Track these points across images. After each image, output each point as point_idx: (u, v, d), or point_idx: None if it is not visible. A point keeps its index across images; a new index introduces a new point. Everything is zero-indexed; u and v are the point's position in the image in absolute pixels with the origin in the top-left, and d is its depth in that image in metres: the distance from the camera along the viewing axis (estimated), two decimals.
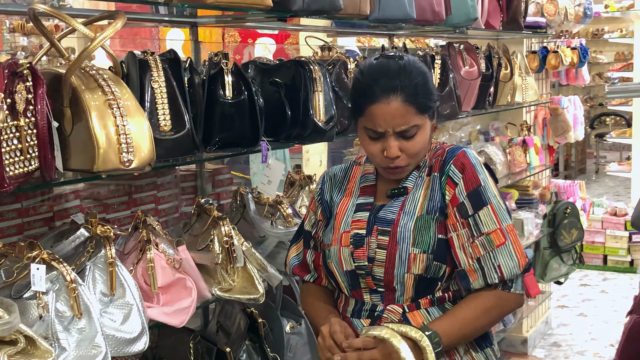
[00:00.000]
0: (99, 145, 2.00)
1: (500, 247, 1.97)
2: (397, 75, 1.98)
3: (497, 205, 2.00)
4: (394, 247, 2.00)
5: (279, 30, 5.39)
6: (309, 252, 2.26)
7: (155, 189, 2.82)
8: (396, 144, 1.99)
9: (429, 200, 2.03)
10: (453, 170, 2.02)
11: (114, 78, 2.13)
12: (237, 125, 2.55)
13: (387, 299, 2.04)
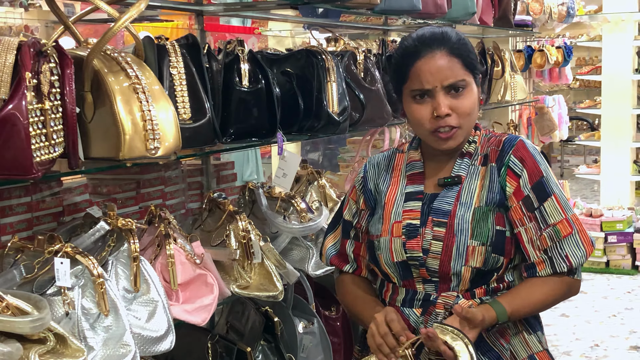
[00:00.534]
0: (125, 132, 1.89)
1: (567, 237, 1.93)
2: (439, 33, 1.96)
3: (560, 195, 1.97)
4: (451, 239, 1.93)
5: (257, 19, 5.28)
6: (348, 242, 2.17)
7: (162, 183, 2.70)
8: (446, 101, 1.91)
9: (487, 191, 1.96)
10: (514, 161, 1.96)
11: (137, 61, 2.02)
12: (254, 115, 2.45)
13: (442, 288, 1.97)
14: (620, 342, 5.52)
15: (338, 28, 4.06)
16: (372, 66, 3.06)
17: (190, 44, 2.28)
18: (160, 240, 2.24)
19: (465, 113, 1.93)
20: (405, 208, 2.01)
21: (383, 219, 2.04)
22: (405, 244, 1.97)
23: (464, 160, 2.01)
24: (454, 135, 1.95)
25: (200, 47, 2.27)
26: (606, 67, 9.74)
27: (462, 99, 1.93)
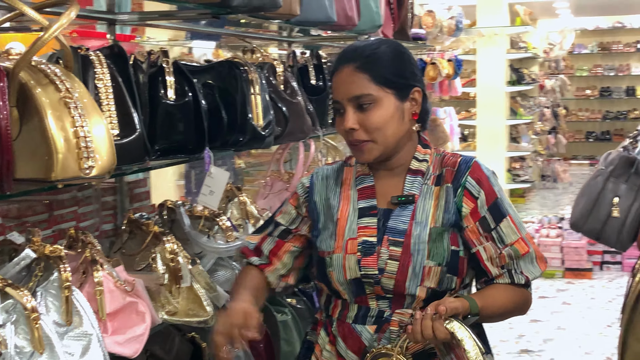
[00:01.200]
0: (58, 150, 1.71)
1: (524, 255, 1.96)
2: (356, 48, 1.98)
3: (514, 216, 1.99)
4: (408, 259, 1.91)
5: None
6: (268, 239, 2.12)
7: (76, 204, 2.51)
8: (354, 115, 1.92)
9: (443, 211, 1.95)
10: (471, 182, 1.96)
11: (66, 73, 1.84)
12: (180, 129, 2.32)
13: (396, 305, 1.94)
14: (511, 346, 5.64)
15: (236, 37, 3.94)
16: (291, 78, 2.97)
17: (116, 54, 2.12)
18: (85, 267, 2.07)
19: (373, 127, 1.92)
20: (360, 224, 1.97)
21: (336, 236, 1.99)
22: (360, 261, 1.93)
23: (416, 178, 1.99)
24: (366, 148, 1.94)
25: (127, 57, 2.12)
26: (480, 79, 10.06)
27: (369, 113, 1.92)
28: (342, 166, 2.10)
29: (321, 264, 2.01)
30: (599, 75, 16.70)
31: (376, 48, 1.96)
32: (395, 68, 1.96)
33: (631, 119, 16.34)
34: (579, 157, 16.38)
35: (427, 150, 2.03)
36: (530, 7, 11.43)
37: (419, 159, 2.01)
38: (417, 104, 1.98)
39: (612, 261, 7.68)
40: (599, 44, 16.77)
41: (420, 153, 2.02)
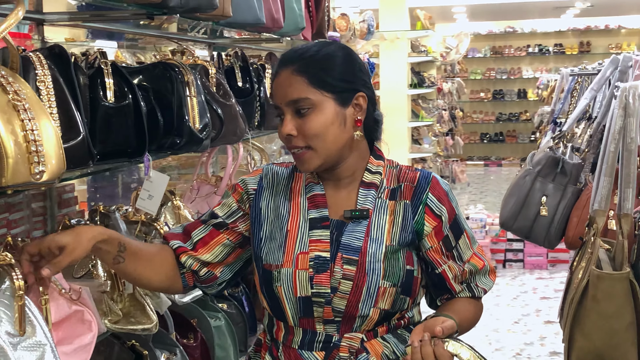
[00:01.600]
0: (8, 155, 1.65)
1: (482, 269, 1.98)
2: (296, 51, 1.88)
3: (469, 231, 1.98)
4: (362, 280, 1.82)
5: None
6: (201, 226, 1.98)
7: (7, 210, 2.41)
8: (291, 121, 1.83)
9: (400, 229, 1.87)
10: (433, 201, 1.89)
11: (12, 74, 1.77)
12: (120, 132, 2.26)
13: (344, 329, 1.86)
14: None
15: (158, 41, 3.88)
16: (224, 80, 2.94)
17: (56, 54, 2.05)
18: (27, 276, 1.99)
19: (311, 134, 1.81)
20: (312, 237, 1.87)
21: (285, 248, 1.87)
22: (313, 278, 1.83)
23: (369, 191, 1.89)
24: (305, 157, 1.84)
25: (69, 58, 2.05)
26: (384, 82, 10.21)
27: (306, 118, 1.82)
28: (292, 171, 1.99)
29: (267, 277, 1.88)
30: (492, 78, 17.25)
31: (317, 50, 1.86)
32: (336, 71, 1.84)
33: (523, 120, 16.95)
34: (474, 158, 16.87)
35: (380, 162, 1.94)
36: (429, 11, 11.68)
37: (372, 171, 1.91)
38: (361, 110, 1.87)
39: (514, 259, 7.93)
40: (492, 48, 17.32)
41: (373, 165, 1.92)
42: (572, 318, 1.96)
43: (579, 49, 16.77)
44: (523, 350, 5.59)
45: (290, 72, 1.83)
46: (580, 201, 2.79)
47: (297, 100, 1.81)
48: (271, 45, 4.78)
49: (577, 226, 2.75)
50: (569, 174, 2.84)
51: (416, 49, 11.12)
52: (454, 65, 14.95)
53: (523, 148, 16.86)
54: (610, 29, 16.64)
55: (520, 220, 2.87)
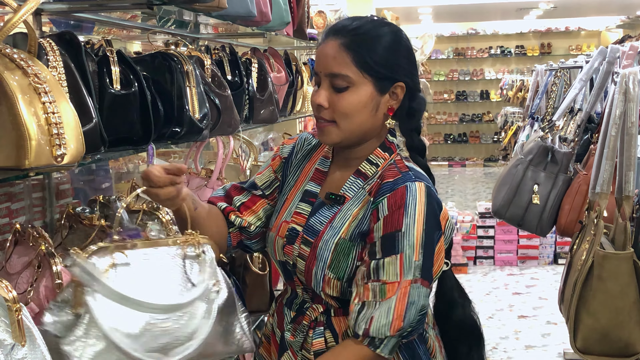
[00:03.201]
0: (31, 137, 1.66)
1: (386, 300, 1.73)
2: (348, 25, 1.85)
3: (407, 259, 1.74)
4: (312, 263, 1.86)
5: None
6: (244, 192, 2.06)
7: (9, 200, 2.41)
8: (326, 92, 1.83)
9: (358, 223, 1.82)
10: (383, 204, 1.78)
11: (32, 58, 1.78)
12: (127, 120, 2.26)
13: (316, 299, 1.92)
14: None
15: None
16: (218, 72, 2.96)
17: (68, 40, 2.05)
18: (40, 261, 2.00)
19: (341, 111, 1.81)
20: (297, 209, 1.95)
21: (279, 214, 1.99)
22: (284, 247, 1.93)
23: (357, 180, 1.88)
24: (326, 130, 1.85)
25: (80, 45, 2.06)
26: None
27: (341, 95, 1.81)
28: (319, 143, 2.04)
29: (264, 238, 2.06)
30: (455, 79, 17.41)
31: (370, 29, 1.83)
32: (382, 56, 1.81)
33: (486, 121, 17.13)
34: (438, 159, 17.00)
35: (385, 155, 1.88)
36: (395, 12, 11.77)
37: (371, 162, 1.88)
38: (396, 100, 1.85)
39: (484, 256, 8.02)
40: (455, 49, 17.49)
41: (374, 156, 1.89)
42: (578, 298, 2.01)
43: (540, 50, 17.01)
44: (499, 344, 5.67)
45: (338, 44, 1.81)
46: (572, 189, 2.85)
47: (337, 75, 1.80)
48: (251, 41, 4.81)
49: (569, 213, 2.82)
50: (560, 162, 2.91)
51: None
52: (418, 66, 15.09)
53: (486, 148, 17.05)
54: (571, 30, 16.92)
55: (513, 208, 2.93)
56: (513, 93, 10.40)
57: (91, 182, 3.49)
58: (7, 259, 2.07)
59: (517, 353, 5.49)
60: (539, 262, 7.93)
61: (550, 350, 5.47)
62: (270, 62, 4.07)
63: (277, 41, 5.09)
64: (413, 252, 1.74)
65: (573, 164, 3.03)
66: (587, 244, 2.10)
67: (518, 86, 10.07)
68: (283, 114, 4.31)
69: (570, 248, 2.29)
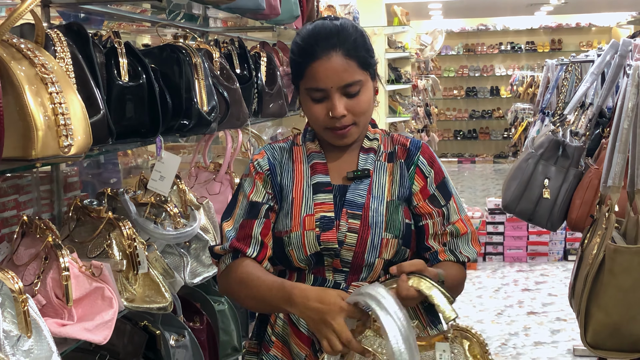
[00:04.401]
0: (37, 127, 1.65)
1: (463, 235, 2.03)
2: (336, 33, 1.91)
3: (457, 197, 2.06)
4: (366, 232, 1.94)
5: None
6: (257, 222, 1.98)
7: (17, 192, 2.40)
8: (341, 102, 1.90)
9: (398, 185, 2.00)
10: (423, 162, 2.02)
11: (39, 48, 1.77)
12: (134, 112, 2.26)
13: (351, 278, 1.97)
14: None
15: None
16: (227, 65, 2.94)
17: (75, 32, 2.04)
18: (47, 253, 1.99)
19: (361, 112, 1.94)
20: (317, 200, 1.97)
21: (292, 214, 1.97)
22: (320, 236, 1.93)
23: (369, 155, 2.02)
24: (349, 132, 1.96)
25: (88, 36, 2.05)
26: None
27: (357, 99, 1.92)
28: (291, 146, 2.07)
29: (279, 244, 1.98)
30: (465, 75, 17.35)
31: (350, 28, 1.94)
32: (367, 49, 1.96)
33: (496, 117, 17.07)
34: (448, 155, 16.96)
35: (377, 130, 2.07)
36: (405, 7, 11.73)
37: (370, 138, 2.04)
38: (377, 80, 2.03)
39: (494, 252, 7.99)
40: (465, 45, 17.42)
41: (370, 132, 2.04)
42: (589, 293, 1.99)
43: (550, 46, 16.93)
44: (508, 341, 5.64)
45: (343, 56, 1.89)
46: (583, 183, 2.83)
47: (352, 83, 1.90)
48: (260, 35, 4.79)
49: (580, 208, 2.80)
50: (571, 156, 2.89)
51: (393, 44, 11.16)
52: (428, 62, 15.04)
53: (496, 145, 17.00)
54: (582, 26, 16.84)
55: (523, 202, 2.90)
56: (523, 89, 10.36)
57: (99, 176, 3.48)
58: (14, 250, 2.07)
59: (526, 349, 5.46)
60: (549, 258, 7.89)
61: (560, 347, 5.44)
62: (279, 56, 4.05)
63: (286, 35, 5.06)
64: (456, 193, 2.06)
65: (584, 158, 3.01)
66: (599, 237, 2.07)
67: (528, 82, 10.02)
68: (292, 108, 4.29)
69: (582, 242, 2.26)
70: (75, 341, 1.95)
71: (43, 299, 1.96)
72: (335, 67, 1.88)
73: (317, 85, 1.90)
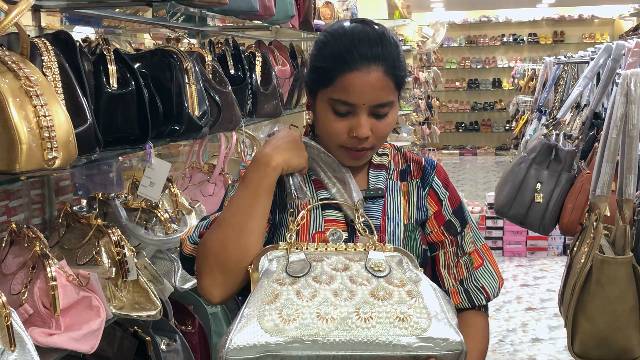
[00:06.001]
0: (22, 140, 1.65)
1: (479, 268, 1.85)
2: (380, 42, 1.68)
3: (473, 224, 1.90)
4: None
5: None
6: None
7: (7, 198, 2.40)
8: (368, 122, 1.69)
9: (415, 207, 1.82)
10: (437, 183, 1.85)
11: (23, 60, 1.77)
12: (123, 119, 2.25)
13: None
14: None
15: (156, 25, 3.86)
16: (219, 68, 2.94)
17: (63, 40, 2.04)
18: (35, 262, 1.99)
19: (383, 136, 1.75)
20: (327, 217, 1.77)
21: (299, 230, 1.76)
22: None
23: (380, 172, 1.84)
24: (365, 155, 1.77)
25: (75, 44, 2.04)
26: None
27: (384, 121, 1.72)
28: None
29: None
30: (467, 67, 17.32)
31: (394, 43, 1.71)
32: (404, 67, 1.75)
33: (497, 109, 17.05)
34: (449, 147, 16.95)
35: (385, 144, 1.88)
36: (406, 0, 11.69)
37: (379, 153, 1.86)
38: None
39: (493, 247, 7.99)
40: (467, 37, 17.38)
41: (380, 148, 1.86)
42: (576, 302, 1.99)
43: (552, 38, 16.89)
44: (506, 337, 5.65)
45: (383, 73, 1.68)
46: (575, 188, 2.82)
47: (385, 104, 1.71)
48: (257, 33, 4.78)
49: (572, 212, 2.79)
50: (563, 160, 2.88)
51: None
52: (429, 54, 15.01)
53: (498, 137, 16.98)
54: (584, 18, 16.78)
55: (516, 207, 2.90)
56: (524, 82, 10.33)
57: (93, 176, 3.49)
58: (2, 259, 2.07)
59: (524, 346, 5.47)
60: (548, 253, 7.90)
61: (558, 344, 5.45)
62: (275, 55, 4.05)
63: (283, 33, 5.05)
64: (472, 220, 1.88)
65: (577, 162, 3.00)
66: (587, 246, 2.07)
67: (529, 75, 10.00)
68: (288, 107, 4.28)
69: (571, 250, 2.26)
70: (64, 350, 1.95)
71: (30, 308, 1.96)
72: (373, 84, 1.67)
73: (347, 99, 1.68)
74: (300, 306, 1.51)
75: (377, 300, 1.53)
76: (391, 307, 1.53)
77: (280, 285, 1.55)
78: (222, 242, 1.69)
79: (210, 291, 1.71)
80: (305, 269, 1.58)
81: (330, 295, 1.54)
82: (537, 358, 5.28)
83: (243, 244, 1.68)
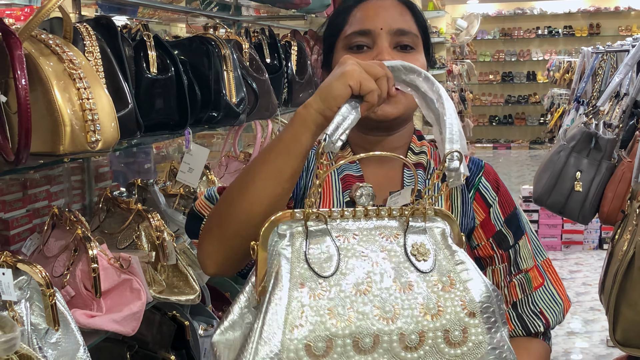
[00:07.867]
0: (65, 122, 1.67)
1: (538, 288, 1.55)
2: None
3: (532, 235, 1.60)
4: None
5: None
6: None
7: (48, 183, 2.43)
8: (389, 51, 1.47)
9: (461, 214, 1.55)
10: (486, 186, 1.57)
11: (67, 44, 1.78)
12: (163, 105, 2.27)
13: None
14: None
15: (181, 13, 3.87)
16: (256, 55, 2.95)
17: (104, 25, 2.06)
18: (77, 245, 2.01)
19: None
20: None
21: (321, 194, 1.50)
22: None
23: (417, 171, 1.51)
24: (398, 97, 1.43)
25: (117, 30, 2.06)
26: None
27: (413, 56, 1.48)
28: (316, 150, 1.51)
29: None
30: (501, 60, 17.17)
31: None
32: (423, 15, 1.56)
33: (532, 103, 16.89)
34: (483, 141, 16.82)
35: (424, 142, 1.62)
36: None
37: (415, 152, 1.60)
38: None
39: None
40: (501, 29, 17.23)
41: (416, 145, 1.60)
42: (618, 290, 1.96)
43: (588, 31, 16.68)
44: None
45: (399, 1, 1.52)
46: (615, 176, 2.79)
47: (406, 32, 1.48)
48: (292, 23, 4.79)
49: (613, 201, 2.76)
50: (604, 149, 2.85)
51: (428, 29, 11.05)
52: (463, 47, 14.91)
53: (532, 130, 16.82)
54: (620, 10, 16.55)
55: (555, 195, 2.87)
56: (560, 75, 10.23)
57: (131, 164, 3.51)
58: (44, 242, 2.10)
59: (559, 339, 5.42)
60: (584, 247, 7.82)
61: (594, 337, 5.40)
62: (310, 44, 4.04)
63: (318, 23, 5.05)
64: (530, 229, 1.60)
65: (617, 151, 2.97)
66: (629, 234, 2.05)
67: (565, 67, 9.89)
68: None
69: (612, 237, 2.24)
70: (104, 332, 1.97)
71: (72, 290, 1.99)
72: (389, 7, 1.50)
73: (362, 26, 1.48)
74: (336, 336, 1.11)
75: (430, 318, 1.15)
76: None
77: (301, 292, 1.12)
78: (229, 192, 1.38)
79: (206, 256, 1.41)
80: (331, 260, 1.16)
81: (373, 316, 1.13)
82: (572, 352, 5.23)
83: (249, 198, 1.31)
